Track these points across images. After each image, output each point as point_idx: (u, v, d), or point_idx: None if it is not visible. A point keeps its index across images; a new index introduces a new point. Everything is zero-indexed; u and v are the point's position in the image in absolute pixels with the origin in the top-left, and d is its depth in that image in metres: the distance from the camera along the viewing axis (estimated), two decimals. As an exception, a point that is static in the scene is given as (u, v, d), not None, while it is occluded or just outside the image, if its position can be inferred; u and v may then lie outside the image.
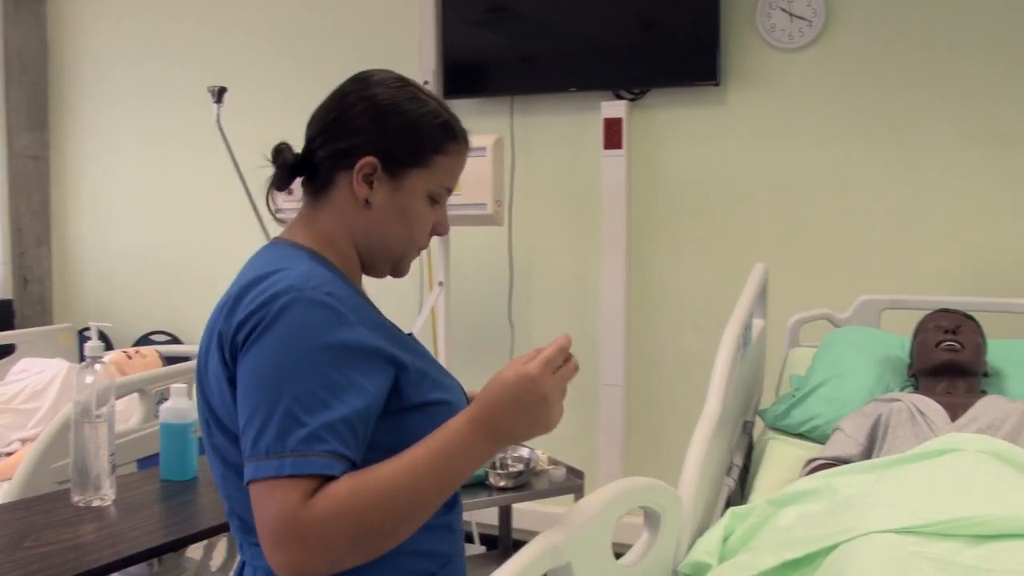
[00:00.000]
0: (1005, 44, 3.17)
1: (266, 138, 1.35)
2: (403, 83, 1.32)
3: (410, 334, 1.36)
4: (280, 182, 1.33)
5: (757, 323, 2.57)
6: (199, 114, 3.81)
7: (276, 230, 1.38)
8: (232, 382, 1.18)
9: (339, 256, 1.31)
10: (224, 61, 4.39)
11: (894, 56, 3.31)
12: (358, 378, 1.15)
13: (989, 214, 3.24)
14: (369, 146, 1.28)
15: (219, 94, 3.53)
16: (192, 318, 4.58)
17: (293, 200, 1.38)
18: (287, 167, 1.32)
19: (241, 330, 1.16)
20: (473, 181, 3.27)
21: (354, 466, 1.12)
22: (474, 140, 1.41)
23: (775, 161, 3.52)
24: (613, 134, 3.64)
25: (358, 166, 1.27)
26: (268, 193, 1.34)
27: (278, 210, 1.38)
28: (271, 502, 1.08)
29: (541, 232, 3.88)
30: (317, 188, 1.33)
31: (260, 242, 3.80)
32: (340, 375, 1.13)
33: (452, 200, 1.40)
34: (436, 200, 1.33)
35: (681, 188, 3.67)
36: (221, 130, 3.49)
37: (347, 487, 1.09)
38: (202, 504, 2.18)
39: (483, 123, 3.81)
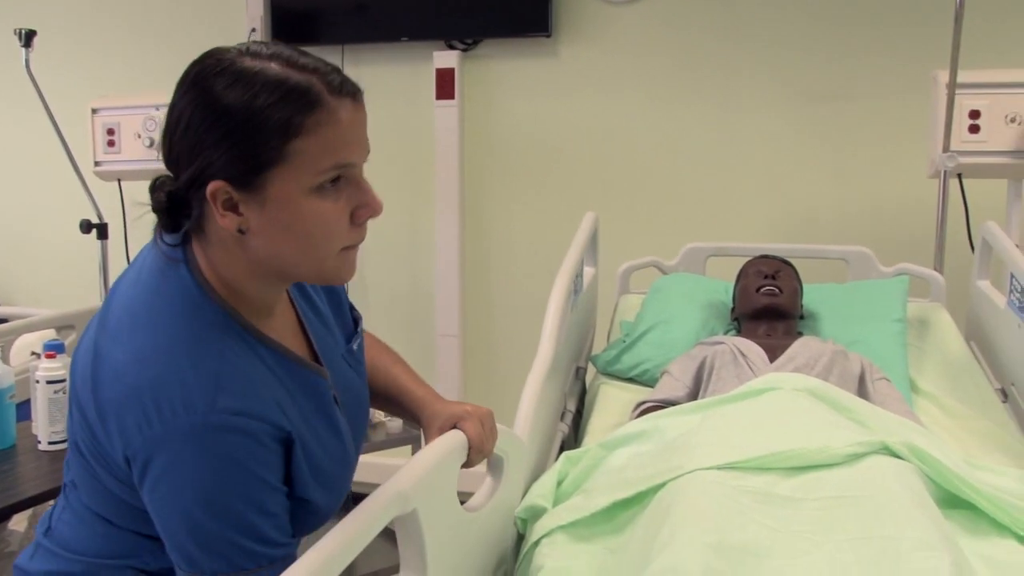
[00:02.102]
0: (826, 7, 3.31)
1: (82, 84, 1.28)
2: (233, 64, 1.05)
3: (348, 346, 1.33)
4: (168, 226, 1.10)
5: (588, 271, 2.61)
6: (7, 60, 3.57)
7: (95, 184, 1.30)
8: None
9: (244, 302, 1.14)
10: (33, 3, 4.11)
11: (720, 11, 3.41)
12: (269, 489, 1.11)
13: (805, 166, 3.40)
14: (213, 166, 1.04)
15: (27, 38, 3.31)
16: (7, 276, 4.33)
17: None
18: (164, 211, 1.08)
19: (133, 462, 1.06)
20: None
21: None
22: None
23: (605, 113, 3.58)
24: (445, 84, 3.63)
25: (209, 197, 1.05)
26: (157, 233, 1.12)
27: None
28: None
29: (374, 184, 3.78)
30: (196, 226, 1.11)
31: (79, 196, 3.57)
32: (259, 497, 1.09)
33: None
34: (333, 186, 1.12)
35: (514, 139, 3.69)
36: (31, 76, 3.29)
37: None
38: (23, 473, 2.09)
39: (313, 72, 3.71)
